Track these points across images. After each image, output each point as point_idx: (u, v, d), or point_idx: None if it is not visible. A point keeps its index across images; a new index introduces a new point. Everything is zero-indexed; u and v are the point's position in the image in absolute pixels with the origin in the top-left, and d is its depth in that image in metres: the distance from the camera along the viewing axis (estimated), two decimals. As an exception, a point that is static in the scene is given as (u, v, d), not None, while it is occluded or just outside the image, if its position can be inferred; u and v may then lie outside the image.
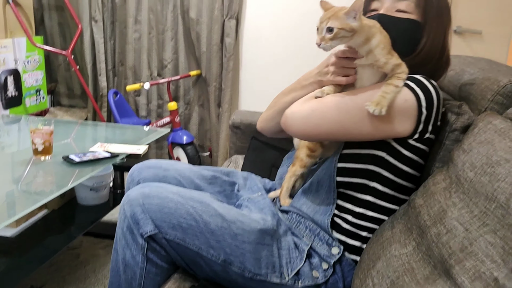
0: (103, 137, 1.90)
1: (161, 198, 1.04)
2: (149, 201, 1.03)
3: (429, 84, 1.05)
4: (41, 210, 1.70)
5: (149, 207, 1.03)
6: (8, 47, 2.55)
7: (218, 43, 2.68)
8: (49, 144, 1.47)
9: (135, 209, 1.03)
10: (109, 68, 2.93)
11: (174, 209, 1.03)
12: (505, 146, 0.86)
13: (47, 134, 1.46)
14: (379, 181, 1.08)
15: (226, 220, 1.05)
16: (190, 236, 1.03)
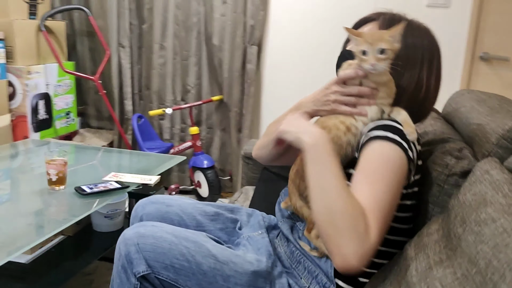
0: (120, 165, 1.96)
1: (156, 238, 1.06)
2: (143, 240, 1.05)
3: (398, 124, 1.02)
4: (57, 236, 1.76)
5: (143, 247, 1.05)
6: (40, 73, 2.68)
7: (240, 69, 2.72)
8: (62, 175, 1.53)
9: (129, 248, 1.05)
10: (135, 92, 3.02)
11: (168, 249, 1.05)
12: (495, 203, 0.83)
13: (61, 165, 1.52)
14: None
15: (219, 261, 1.06)
16: (183, 277, 1.04)
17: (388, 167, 0.95)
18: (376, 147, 0.98)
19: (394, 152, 0.97)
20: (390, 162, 0.96)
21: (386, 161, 0.96)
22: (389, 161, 0.96)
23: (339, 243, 0.87)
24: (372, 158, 0.97)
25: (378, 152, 0.97)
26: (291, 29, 2.73)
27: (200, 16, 2.76)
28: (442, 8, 2.53)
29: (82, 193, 1.50)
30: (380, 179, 0.94)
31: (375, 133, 0.99)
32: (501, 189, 0.87)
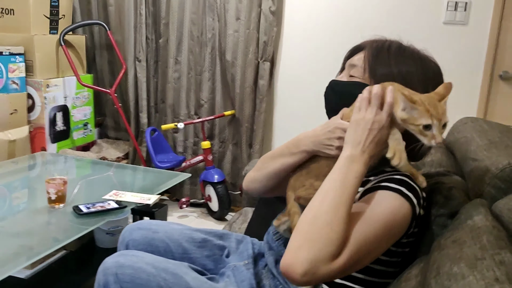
0: (124, 182, 1.98)
1: (135, 269, 1.07)
2: (122, 271, 1.06)
3: (410, 179, 0.97)
4: (59, 251, 1.80)
5: (122, 278, 1.06)
6: (59, 86, 2.76)
7: (251, 85, 2.72)
8: (61, 194, 1.56)
9: (108, 278, 1.06)
10: (151, 105, 3.07)
11: (146, 280, 1.06)
12: (470, 256, 0.79)
13: (60, 184, 1.56)
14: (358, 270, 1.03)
15: (197, 295, 1.06)
16: (159, 310, 1.05)
17: (389, 220, 0.90)
18: (388, 197, 0.93)
19: (401, 209, 0.92)
20: (395, 218, 0.91)
21: (390, 215, 0.91)
22: (394, 217, 0.91)
23: (302, 243, 0.84)
24: (379, 204, 0.92)
25: (387, 203, 0.92)
26: (305, 45, 2.71)
27: (215, 32, 2.78)
28: (459, 26, 2.45)
29: (79, 213, 1.52)
30: (376, 226, 0.89)
31: (390, 184, 0.95)
32: (480, 239, 0.83)
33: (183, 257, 1.27)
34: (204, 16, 2.78)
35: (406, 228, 0.94)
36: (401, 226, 0.93)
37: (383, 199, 0.92)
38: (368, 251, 0.89)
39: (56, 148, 2.81)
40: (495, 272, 0.72)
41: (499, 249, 0.79)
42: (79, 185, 1.83)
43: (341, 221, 0.85)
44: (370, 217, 0.90)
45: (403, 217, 0.92)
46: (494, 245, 0.80)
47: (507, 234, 0.85)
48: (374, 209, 0.91)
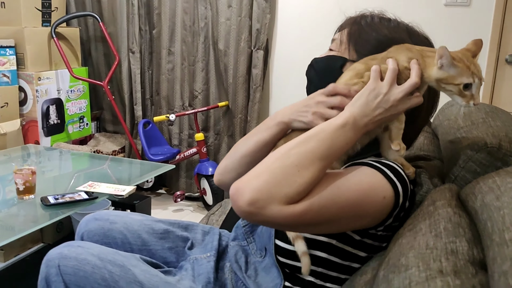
0: (104, 174, 1.92)
1: (78, 260, 1.00)
2: (65, 262, 1.00)
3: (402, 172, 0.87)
4: (37, 244, 1.76)
5: (64, 269, 0.99)
6: (51, 79, 2.73)
7: (245, 74, 2.63)
8: (30, 185, 1.52)
9: (50, 270, 1.00)
10: (147, 97, 3.01)
11: (90, 273, 0.99)
12: (421, 245, 0.70)
13: (28, 175, 1.51)
14: (324, 265, 0.94)
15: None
16: (103, 304, 0.98)
17: (364, 195, 0.81)
18: (370, 173, 0.83)
19: (382, 189, 0.82)
20: (370, 195, 0.81)
21: (367, 190, 0.81)
22: (370, 193, 0.81)
23: (261, 172, 0.77)
24: (358, 176, 0.83)
25: (368, 177, 0.83)
26: (300, 31, 2.61)
27: (207, 21, 2.70)
28: (462, 7, 2.32)
29: (46, 204, 1.47)
30: (348, 195, 0.80)
31: (376, 164, 0.85)
32: (436, 227, 0.73)
33: (142, 249, 1.19)
34: (196, 4, 2.70)
35: (382, 214, 0.83)
36: (375, 208, 0.82)
37: (365, 173, 0.83)
38: (329, 217, 0.79)
39: (50, 141, 2.79)
40: (441, 263, 0.63)
41: (455, 237, 0.69)
42: (53, 176, 1.78)
43: (312, 170, 0.77)
44: (345, 183, 0.81)
45: (381, 199, 0.81)
46: (450, 233, 0.70)
47: (468, 221, 0.74)
48: (351, 178, 0.82)
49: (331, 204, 0.78)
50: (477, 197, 0.75)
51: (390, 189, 0.82)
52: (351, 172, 0.83)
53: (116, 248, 1.17)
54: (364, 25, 0.98)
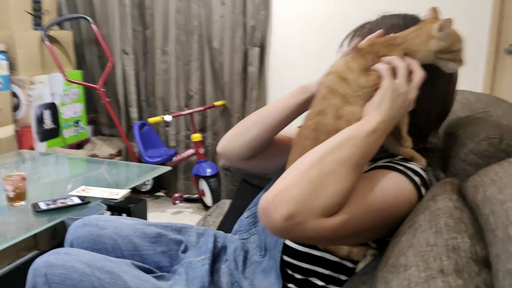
0: (97, 178, 1.88)
1: (66, 268, 0.96)
2: (52, 271, 0.96)
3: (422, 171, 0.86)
4: (31, 251, 1.72)
5: (52, 278, 0.95)
6: (44, 83, 2.69)
7: (241, 72, 2.59)
8: (20, 191, 1.48)
9: (37, 279, 0.96)
10: (142, 99, 2.98)
11: (78, 281, 0.95)
12: (422, 241, 0.66)
13: (17, 181, 1.47)
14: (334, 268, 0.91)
15: (136, 296, 0.95)
16: (93, 312, 0.94)
17: (392, 200, 0.80)
18: (394, 176, 0.82)
19: (406, 192, 0.81)
20: (397, 199, 0.80)
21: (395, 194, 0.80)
22: (397, 197, 0.80)
23: (297, 181, 0.70)
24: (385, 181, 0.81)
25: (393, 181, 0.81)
26: (296, 27, 2.57)
27: (201, 19, 2.66)
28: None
29: (37, 210, 1.43)
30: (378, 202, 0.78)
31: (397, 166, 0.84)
32: (437, 223, 0.69)
33: (133, 254, 1.16)
34: (189, 3, 2.66)
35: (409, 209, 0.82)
36: (402, 214, 0.81)
37: (392, 180, 0.81)
38: (364, 227, 0.77)
39: (45, 146, 2.75)
40: (442, 261, 0.58)
41: (456, 233, 0.65)
42: (50, 182, 1.74)
43: (349, 179, 0.73)
44: (376, 191, 0.78)
45: (408, 205, 0.81)
46: (451, 229, 0.66)
47: (470, 216, 0.70)
48: (381, 185, 0.80)
49: (367, 213, 0.76)
50: (479, 190, 0.71)
51: (415, 195, 0.82)
52: (380, 179, 0.81)
53: (106, 254, 1.14)
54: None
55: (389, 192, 0.79)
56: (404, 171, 0.83)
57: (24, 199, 1.51)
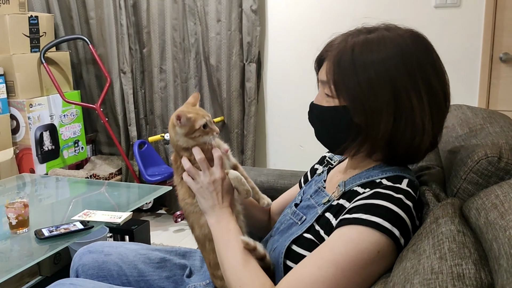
0: (98, 200, 1.88)
1: (72, 300, 0.96)
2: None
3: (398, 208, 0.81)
4: (34, 277, 1.71)
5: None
6: (43, 105, 2.70)
7: (238, 88, 2.61)
8: (23, 218, 1.48)
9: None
10: (141, 117, 2.99)
11: (85, 312, 0.95)
12: (427, 268, 0.66)
13: (20, 208, 1.47)
14: None
15: (143, 325, 0.95)
16: None
17: (357, 257, 0.78)
18: (351, 233, 0.80)
19: (376, 246, 0.78)
20: (364, 258, 0.78)
21: (358, 255, 0.78)
22: (363, 256, 0.78)
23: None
24: (338, 240, 0.81)
25: (349, 238, 0.80)
26: (292, 42, 2.59)
27: (197, 37, 2.68)
28: (452, 8, 2.30)
29: (40, 238, 1.43)
30: (336, 263, 0.78)
31: (357, 215, 0.81)
32: (441, 248, 0.70)
33: (139, 280, 1.16)
34: (185, 20, 2.68)
35: (389, 262, 0.80)
36: (378, 265, 0.79)
37: (346, 241, 0.80)
38: None
39: (45, 168, 2.75)
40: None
41: (460, 259, 0.65)
42: (50, 204, 1.74)
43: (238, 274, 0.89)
44: (326, 259, 0.80)
45: (375, 255, 0.78)
46: (456, 255, 0.67)
47: (473, 240, 0.71)
48: (335, 249, 0.80)
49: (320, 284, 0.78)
50: (481, 214, 0.71)
51: (382, 239, 0.79)
52: (333, 243, 0.81)
53: (112, 281, 1.14)
54: (345, 66, 0.86)
55: (350, 256, 0.78)
56: (363, 218, 0.79)
57: (27, 226, 1.51)
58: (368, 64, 0.84)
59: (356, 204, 0.84)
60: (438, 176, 1.07)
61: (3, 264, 1.34)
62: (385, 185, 0.86)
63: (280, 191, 1.73)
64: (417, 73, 0.84)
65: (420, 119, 0.84)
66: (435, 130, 0.88)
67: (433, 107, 0.86)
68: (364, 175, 0.91)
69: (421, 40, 0.89)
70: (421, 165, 1.19)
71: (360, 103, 0.85)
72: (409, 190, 0.84)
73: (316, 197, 0.99)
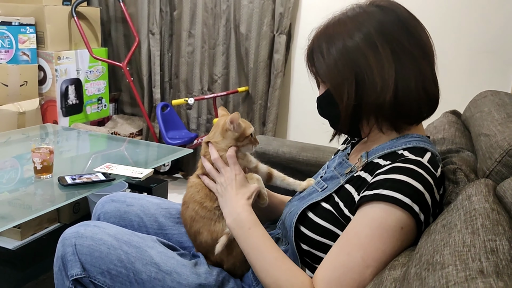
0: (121, 155, 1.90)
1: (95, 240, 0.98)
2: (81, 242, 0.98)
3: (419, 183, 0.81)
4: (53, 223, 1.75)
5: (80, 249, 0.97)
6: (70, 58, 2.72)
7: (266, 59, 2.58)
8: (47, 164, 1.50)
9: (66, 249, 0.98)
10: (166, 80, 2.99)
11: (106, 253, 0.97)
12: (457, 242, 0.65)
13: (45, 154, 1.49)
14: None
15: (161, 271, 0.97)
16: (119, 285, 0.96)
17: (383, 235, 0.80)
18: (373, 213, 0.81)
19: (397, 220, 0.79)
20: (389, 231, 0.80)
21: (380, 228, 0.80)
22: (386, 229, 0.80)
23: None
24: (362, 222, 0.82)
25: (372, 218, 0.81)
26: (324, 16, 2.53)
27: (229, 3, 2.64)
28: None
29: (63, 184, 1.46)
30: (362, 246, 0.80)
31: (378, 191, 0.81)
32: (473, 223, 0.69)
33: (158, 233, 1.17)
34: (219, -14, 2.65)
35: (410, 239, 0.82)
36: (402, 241, 0.81)
37: (371, 219, 0.81)
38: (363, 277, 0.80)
39: (68, 122, 2.78)
40: (481, 262, 0.58)
41: (494, 235, 0.64)
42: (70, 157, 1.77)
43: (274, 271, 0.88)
44: (353, 244, 0.82)
45: (403, 232, 0.80)
46: (489, 231, 0.66)
47: (508, 219, 0.69)
48: (360, 232, 0.82)
49: (356, 270, 0.80)
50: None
51: (404, 216, 0.80)
52: (358, 233, 0.82)
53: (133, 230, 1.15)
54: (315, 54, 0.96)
55: (369, 236, 0.80)
56: (385, 195, 0.80)
57: (51, 172, 1.53)
58: (328, 43, 0.92)
59: (377, 179, 0.84)
60: (468, 159, 1.05)
61: (26, 206, 1.37)
62: (406, 158, 0.85)
63: (302, 164, 1.73)
64: (373, 34, 0.87)
65: (380, 77, 0.86)
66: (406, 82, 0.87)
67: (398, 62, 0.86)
68: (387, 146, 0.92)
69: (380, 6, 0.92)
70: (450, 147, 1.18)
71: (329, 79, 0.92)
72: (429, 165, 0.84)
73: (339, 168, 1.00)
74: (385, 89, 0.86)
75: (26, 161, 1.70)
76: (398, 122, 0.91)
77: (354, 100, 0.88)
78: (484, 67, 2.26)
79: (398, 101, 0.87)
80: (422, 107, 0.90)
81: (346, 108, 0.90)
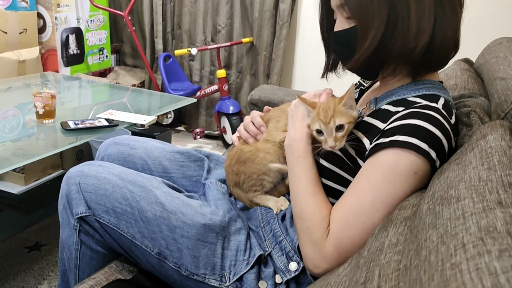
0: (123, 103, 1.87)
1: (99, 179, 0.97)
2: (85, 180, 0.97)
3: (436, 129, 0.78)
4: (56, 170, 1.75)
5: (85, 187, 0.96)
6: (70, 6, 2.64)
7: (271, 9, 2.50)
8: (49, 109, 1.48)
9: (71, 187, 0.97)
10: (168, 31, 2.91)
11: (110, 191, 0.96)
12: (473, 177, 0.63)
13: (47, 98, 1.47)
14: None
15: (166, 210, 0.96)
16: (124, 223, 0.95)
17: (395, 180, 0.78)
18: (386, 157, 0.79)
19: (411, 164, 0.77)
20: (401, 175, 0.77)
21: (392, 172, 0.78)
22: (399, 173, 0.77)
23: (300, 241, 0.88)
24: (374, 166, 0.80)
25: (384, 162, 0.79)
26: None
27: (234, -51, 2.54)
28: None
29: (66, 129, 1.44)
30: (372, 189, 0.79)
31: (394, 137, 0.78)
32: (489, 160, 0.67)
33: (162, 176, 1.16)
34: None
35: (423, 183, 0.80)
36: (414, 187, 0.79)
37: (385, 161, 0.79)
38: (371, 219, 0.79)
39: (69, 72, 2.74)
40: (499, 194, 0.56)
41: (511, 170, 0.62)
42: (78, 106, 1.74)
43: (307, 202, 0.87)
44: (363, 187, 0.80)
45: (416, 177, 0.78)
46: (506, 166, 0.63)
47: (526, 156, 0.67)
48: (371, 176, 0.80)
49: (365, 212, 0.79)
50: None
51: (419, 161, 0.77)
52: (369, 177, 0.80)
53: (137, 173, 1.14)
54: None
55: (381, 181, 0.78)
56: (400, 140, 0.77)
57: (53, 117, 1.51)
58: None
59: (393, 125, 0.80)
60: (482, 103, 1.02)
61: (29, 150, 1.35)
62: (420, 104, 0.82)
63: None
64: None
65: (416, 22, 0.80)
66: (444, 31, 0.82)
67: (440, 9, 0.81)
68: (396, 92, 0.89)
69: None
70: (463, 93, 1.14)
71: (359, 13, 0.84)
72: (444, 112, 0.81)
73: None
74: (419, 36, 0.80)
75: (27, 111, 1.67)
76: (419, 69, 0.87)
77: (379, 41, 0.82)
78: (496, 17, 2.19)
79: (430, 50, 0.82)
80: (449, 57, 0.86)
81: (368, 48, 0.84)
